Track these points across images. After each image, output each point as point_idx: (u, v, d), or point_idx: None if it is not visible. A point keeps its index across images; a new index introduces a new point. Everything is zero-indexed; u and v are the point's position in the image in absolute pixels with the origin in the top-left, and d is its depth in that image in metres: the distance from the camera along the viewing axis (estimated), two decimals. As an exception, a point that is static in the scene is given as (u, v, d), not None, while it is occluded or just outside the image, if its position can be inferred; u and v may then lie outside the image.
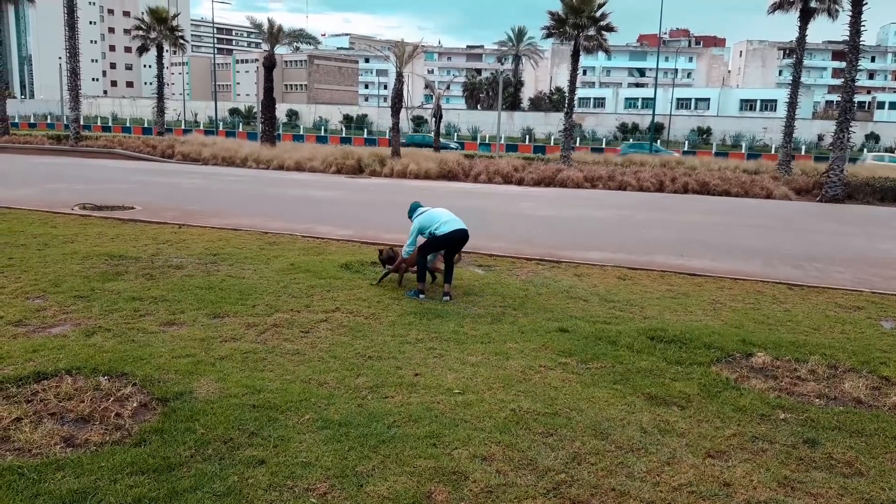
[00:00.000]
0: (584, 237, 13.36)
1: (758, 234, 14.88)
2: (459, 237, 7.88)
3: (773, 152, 45.55)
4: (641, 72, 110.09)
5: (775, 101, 74.29)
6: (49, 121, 68.83)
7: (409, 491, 3.62)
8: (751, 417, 4.76)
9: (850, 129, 25.03)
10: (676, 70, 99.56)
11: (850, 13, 24.24)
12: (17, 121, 62.23)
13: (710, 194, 25.13)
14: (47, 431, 4.08)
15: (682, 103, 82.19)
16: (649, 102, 68.33)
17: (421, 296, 7.72)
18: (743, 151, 52.04)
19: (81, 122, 38.87)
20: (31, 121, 70.53)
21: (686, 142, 62.31)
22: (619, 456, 4.11)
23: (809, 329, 7.14)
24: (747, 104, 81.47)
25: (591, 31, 31.81)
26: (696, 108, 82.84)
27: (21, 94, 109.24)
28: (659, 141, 59.33)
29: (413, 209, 8.18)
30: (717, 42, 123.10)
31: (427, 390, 4.97)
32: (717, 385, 5.31)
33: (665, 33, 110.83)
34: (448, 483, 3.72)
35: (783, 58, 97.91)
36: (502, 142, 46.04)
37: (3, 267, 8.28)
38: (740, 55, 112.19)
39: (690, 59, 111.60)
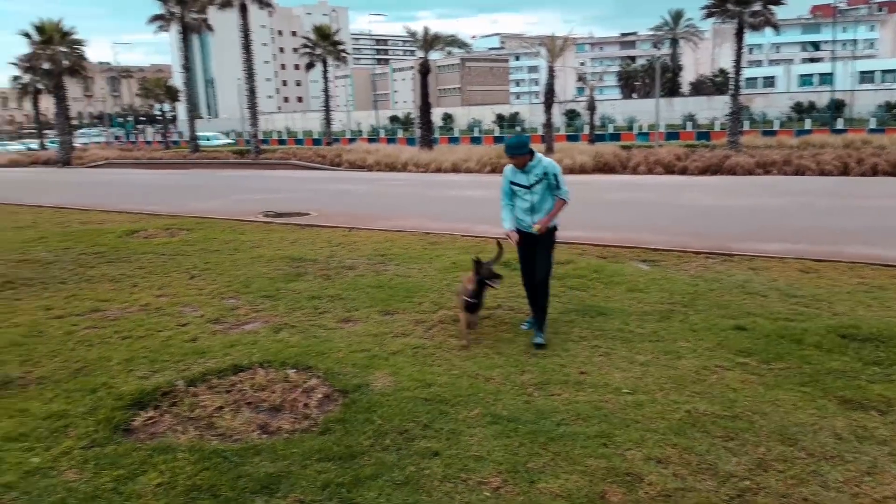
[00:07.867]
0: (758, 227, 12.45)
1: (969, 219, 13.09)
2: None
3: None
4: (816, 45, 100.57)
5: (984, 65, 64.95)
6: (231, 138, 75.55)
7: (582, 490, 3.59)
8: (970, 426, 4.21)
9: None
10: (856, 41, 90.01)
11: None
12: (204, 139, 68.99)
13: (906, 175, 22.45)
14: (245, 419, 4.50)
15: (866, 77, 74.13)
16: (827, 78, 62.38)
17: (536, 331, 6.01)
18: (945, 125, 45.98)
19: (260, 137, 42.34)
20: (217, 138, 77.81)
21: (872, 119, 56.14)
22: (811, 464, 3.81)
23: None
24: (946, 72, 71.89)
25: (757, 7, 29.59)
26: (882, 81, 74.36)
27: (207, 114, 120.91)
28: (841, 120, 54.00)
29: (525, 141, 5.81)
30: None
31: (594, 389, 4.89)
32: (925, 389, 4.75)
33: (842, 1, 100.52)
34: (622, 484, 3.64)
35: None
36: (661, 130, 44.07)
37: (202, 270, 9.25)
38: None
39: (872, 28, 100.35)
